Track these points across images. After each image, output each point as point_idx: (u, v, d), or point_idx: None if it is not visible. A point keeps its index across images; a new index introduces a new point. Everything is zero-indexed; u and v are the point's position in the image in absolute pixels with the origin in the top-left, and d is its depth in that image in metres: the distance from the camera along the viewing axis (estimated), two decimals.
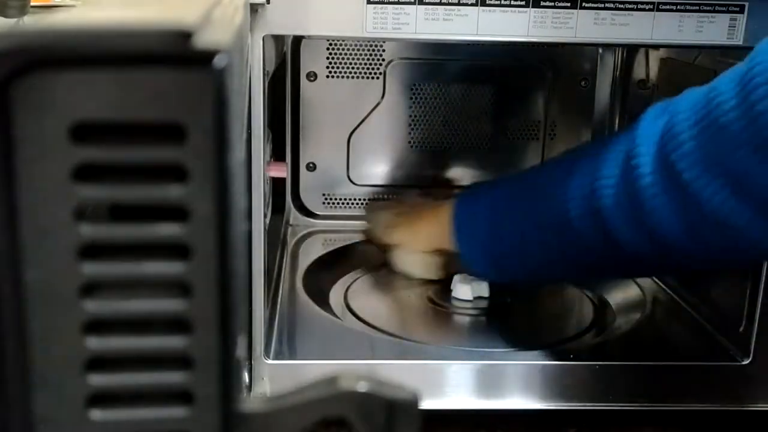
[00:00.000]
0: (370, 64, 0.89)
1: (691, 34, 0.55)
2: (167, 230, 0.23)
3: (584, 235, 0.56)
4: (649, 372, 0.63)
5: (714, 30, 0.55)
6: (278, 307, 0.69)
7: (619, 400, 0.61)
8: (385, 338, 0.67)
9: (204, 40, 0.22)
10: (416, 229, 0.76)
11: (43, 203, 0.23)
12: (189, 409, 0.25)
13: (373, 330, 0.69)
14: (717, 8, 0.54)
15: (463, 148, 0.93)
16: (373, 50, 0.89)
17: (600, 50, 0.92)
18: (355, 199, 0.94)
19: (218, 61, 0.22)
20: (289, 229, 0.91)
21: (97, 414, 0.25)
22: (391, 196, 0.93)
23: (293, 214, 0.93)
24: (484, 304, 0.74)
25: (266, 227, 0.59)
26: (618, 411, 0.61)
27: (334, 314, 0.71)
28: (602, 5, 0.54)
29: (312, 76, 0.89)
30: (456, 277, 0.76)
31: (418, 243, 0.76)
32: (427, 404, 0.59)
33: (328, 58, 0.89)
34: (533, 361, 0.62)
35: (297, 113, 0.90)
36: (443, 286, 0.77)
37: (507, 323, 0.72)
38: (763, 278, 0.60)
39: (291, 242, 0.87)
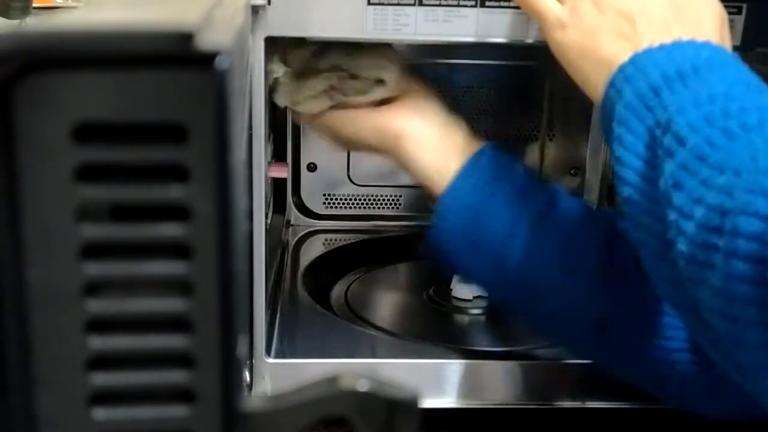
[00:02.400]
0: None
1: None
2: (169, 230, 0.24)
3: None
4: None
5: None
6: (279, 306, 0.69)
7: (619, 400, 0.61)
8: (385, 338, 0.67)
9: (205, 41, 0.23)
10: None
11: (45, 203, 0.23)
12: (190, 408, 0.25)
13: (373, 329, 0.69)
14: None
15: None
16: None
17: None
18: (355, 199, 0.94)
19: (219, 63, 0.22)
20: (290, 229, 0.91)
21: (99, 413, 0.25)
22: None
23: (294, 214, 0.93)
24: (484, 303, 0.74)
25: (267, 227, 0.59)
26: (618, 411, 0.61)
27: (334, 314, 0.71)
28: None
29: None
30: (456, 277, 0.76)
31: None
32: (427, 403, 0.59)
33: None
34: (533, 361, 0.62)
35: None
36: (443, 286, 0.77)
37: (507, 323, 0.72)
38: None
39: (291, 242, 0.87)
